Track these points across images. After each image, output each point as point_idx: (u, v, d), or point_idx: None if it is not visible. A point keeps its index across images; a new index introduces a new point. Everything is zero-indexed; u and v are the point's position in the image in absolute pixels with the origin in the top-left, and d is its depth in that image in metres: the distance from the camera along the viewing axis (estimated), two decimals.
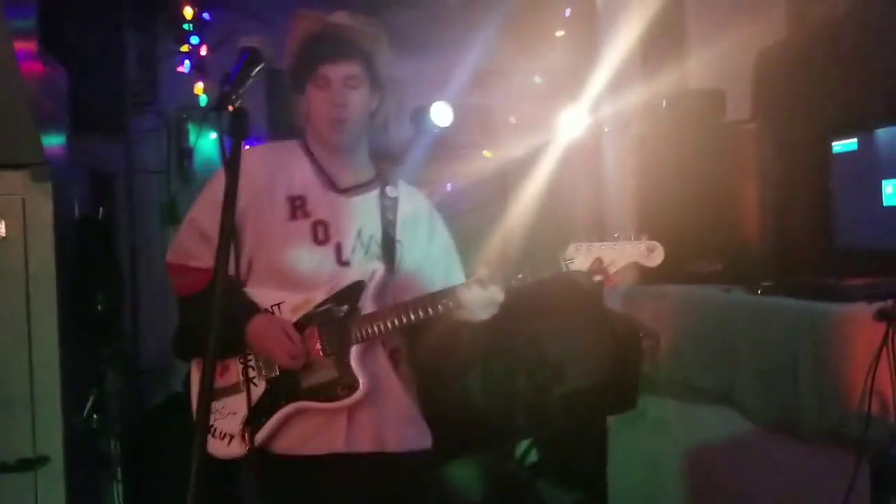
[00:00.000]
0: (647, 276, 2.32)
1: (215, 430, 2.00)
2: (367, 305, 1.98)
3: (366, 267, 2.01)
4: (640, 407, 3.28)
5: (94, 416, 2.73)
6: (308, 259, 2.00)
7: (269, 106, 3.68)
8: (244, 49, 1.58)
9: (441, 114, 3.83)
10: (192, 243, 2.03)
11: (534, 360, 3.43)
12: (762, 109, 3.30)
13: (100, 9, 3.40)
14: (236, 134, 1.49)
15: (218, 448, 1.99)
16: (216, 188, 1.98)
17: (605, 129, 3.87)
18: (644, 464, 3.29)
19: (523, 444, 3.94)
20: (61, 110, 2.65)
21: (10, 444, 2.51)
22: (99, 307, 2.72)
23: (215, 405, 1.99)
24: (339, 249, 2.01)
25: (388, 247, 2.05)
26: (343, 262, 2.01)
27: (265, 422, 1.96)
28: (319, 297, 1.99)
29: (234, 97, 1.48)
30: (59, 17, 2.92)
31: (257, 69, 1.56)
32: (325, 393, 1.97)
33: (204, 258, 2.01)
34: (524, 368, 3.38)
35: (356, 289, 1.98)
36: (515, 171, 4.04)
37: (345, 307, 1.98)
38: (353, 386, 1.95)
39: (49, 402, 2.51)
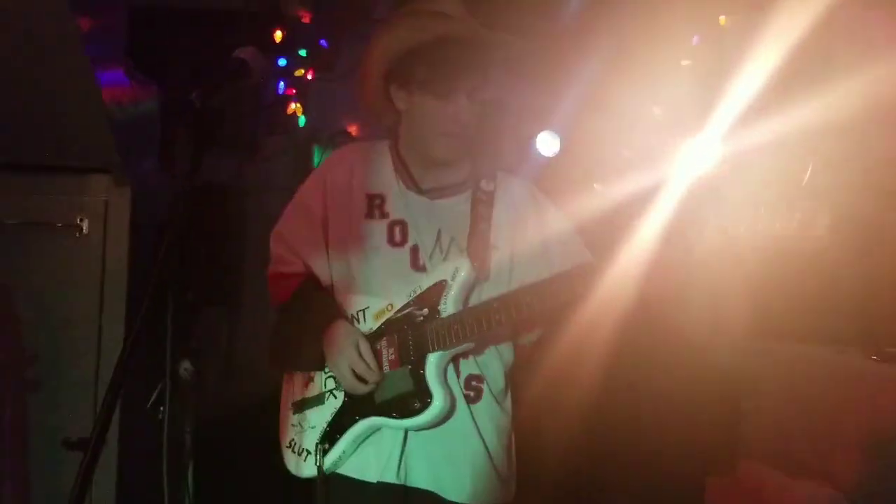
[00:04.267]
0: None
1: (295, 444, 1.91)
2: (448, 307, 1.81)
3: (445, 267, 1.84)
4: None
5: (161, 408, 2.88)
6: (383, 261, 1.88)
7: None
8: (234, 58, 1.60)
9: (547, 143, 3.72)
10: (281, 250, 2.01)
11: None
12: None
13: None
14: (198, 133, 1.50)
15: (296, 465, 1.91)
16: (297, 197, 2.03)
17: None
18: None
19: None
20: (148, 123, 2.89)
21: (76, 424, 2.75)
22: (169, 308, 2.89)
23: (297, 418, 1.91)
24: (415, 253, 1.88)
25: (478, 247, 1.86)
26: (419, 267, 1.88)
27: (338, 439, 1.85)
28: (402, 301, 1.85)
29: (201, 99, 1.49)
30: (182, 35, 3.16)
31: (240, 81, 1.61)
32: (399, 407, 1.80)
33: (293, 263, 1.98)
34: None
35: (437, 290, 1.82)
36: (630, 206, 3.81)
37: (424, 311, 1.82)
38: (427, 401, 1.77)
39: None
